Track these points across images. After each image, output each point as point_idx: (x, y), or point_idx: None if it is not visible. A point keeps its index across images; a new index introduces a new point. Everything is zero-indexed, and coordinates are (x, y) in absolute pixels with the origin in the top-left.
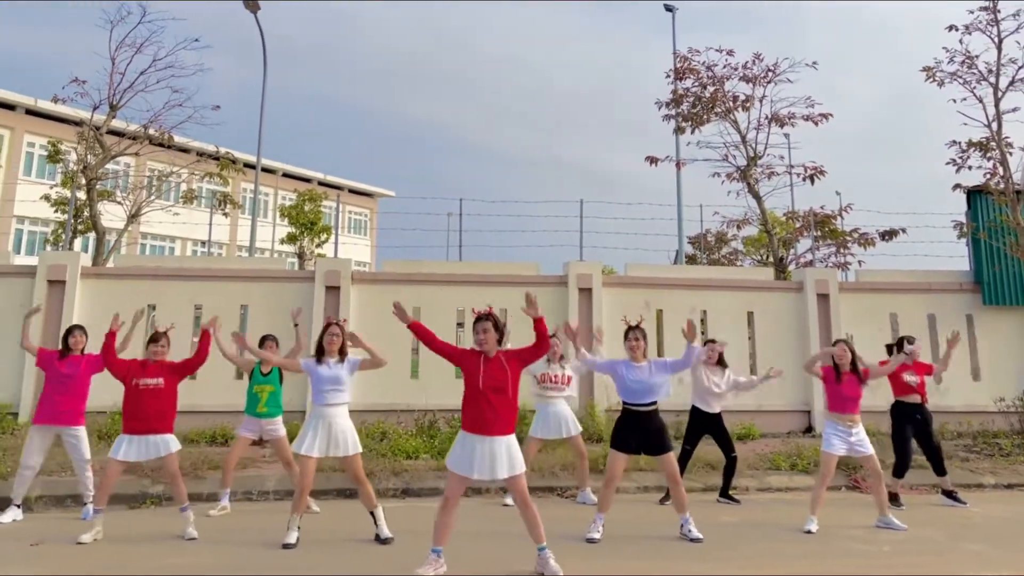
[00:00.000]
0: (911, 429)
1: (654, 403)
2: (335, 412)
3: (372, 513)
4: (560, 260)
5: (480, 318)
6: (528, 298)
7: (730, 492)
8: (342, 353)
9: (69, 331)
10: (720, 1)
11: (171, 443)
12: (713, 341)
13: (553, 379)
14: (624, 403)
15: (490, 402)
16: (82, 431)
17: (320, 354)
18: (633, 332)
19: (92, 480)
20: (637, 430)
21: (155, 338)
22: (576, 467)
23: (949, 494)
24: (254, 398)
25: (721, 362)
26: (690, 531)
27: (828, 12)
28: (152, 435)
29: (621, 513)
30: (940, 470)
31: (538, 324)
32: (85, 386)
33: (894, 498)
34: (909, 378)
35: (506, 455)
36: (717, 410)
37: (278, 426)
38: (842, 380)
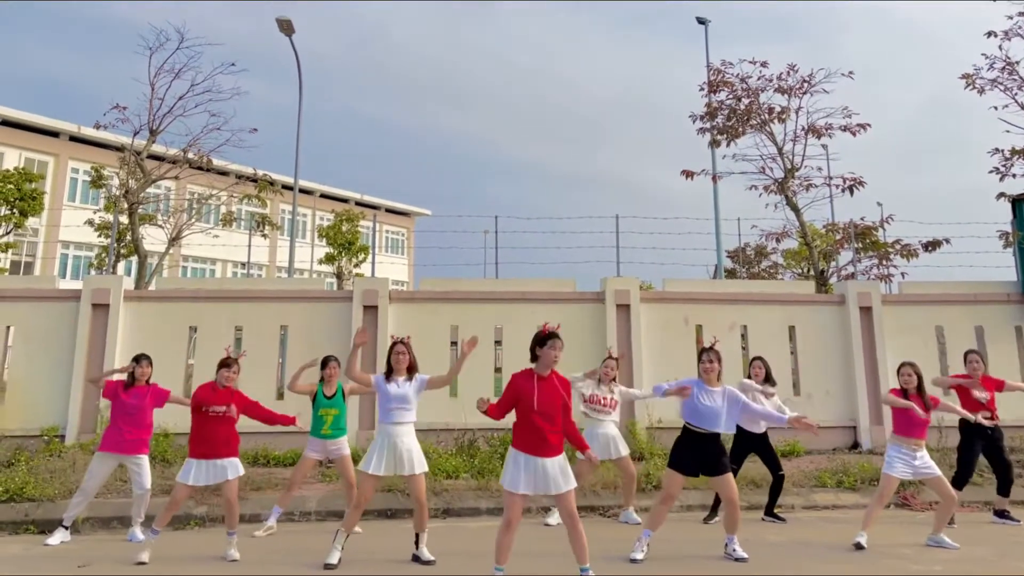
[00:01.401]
0: (980, 445)
1: (718, 432)
2: (402, 431)
3: (418, 534)
4: (596, 276)
5: (555, 335)
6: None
7: (775, 510)
8: (410, 371)
9: (136, 361)
10: (752, 9)
11: (237, 467)
12: (759, 359)
13: (602, 401)
14: (688, 424)
15: (542, 423)
16: (145, 459)
17: (389, 372)
18: (707, 354)
19: (147, 506)
20: (698, 452)
21: (228, 363)
22: (621, 486)
23: (1001, 513)
24: (319, 420)
25: (769, 379)
26: (735, 550)
27: (864, 20)
28: (219, 459)
29: (665, 532)
30: (1005, 490)
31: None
32: (150, 416)
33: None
34: (979, 394)
35: (560, 471)
36: (763, 429)
37: (342, 446)
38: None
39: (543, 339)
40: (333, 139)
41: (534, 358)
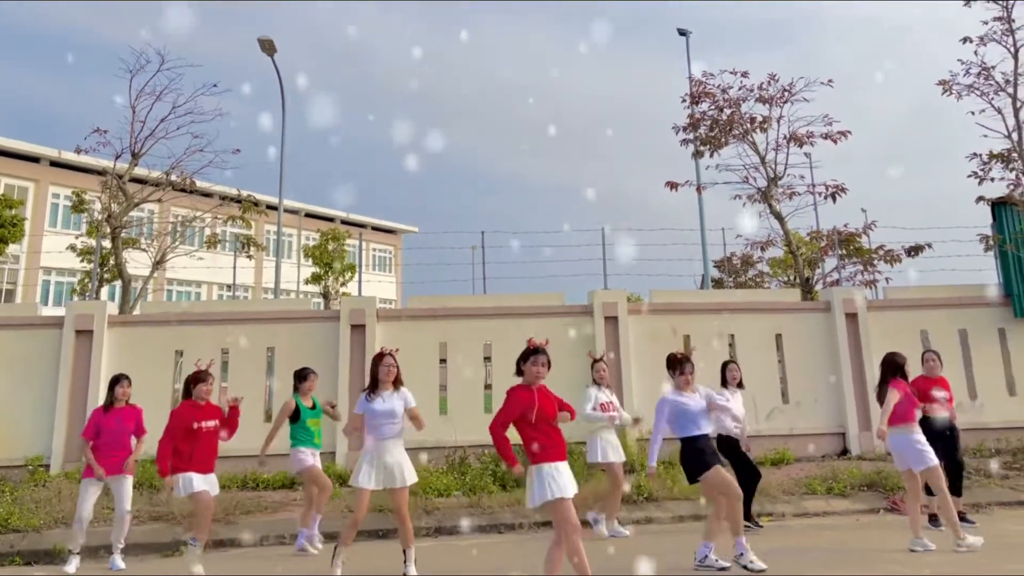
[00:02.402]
0: (939, 446)
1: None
2: (391, 444)
3: (405, 551)
4: (584, 289)
5: (539, 351)
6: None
7: (753, 516)
8: (396, 383)
9: (116, 380)
10: (735, 18)
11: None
12: (734, 362)
13: (605, 406)
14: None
15: (553, 431)
16: (129, 480)
17: (374, 386)
18: (688, 365)
19: (127, 530)
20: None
21: (202, 378)
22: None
23: (933, 518)
24: (309, 432)
25: (740, 384)
26: (716, 561)
27: (844, 28)
28: (212, 474)
29: (650, 545)
30: (957, 489)
31: None
32: (129, 437)
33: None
34: (937, 394)
35: (567, 475)
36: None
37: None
38: None
39: (527, 354)
40: (318, 158)
41: (519, 373)
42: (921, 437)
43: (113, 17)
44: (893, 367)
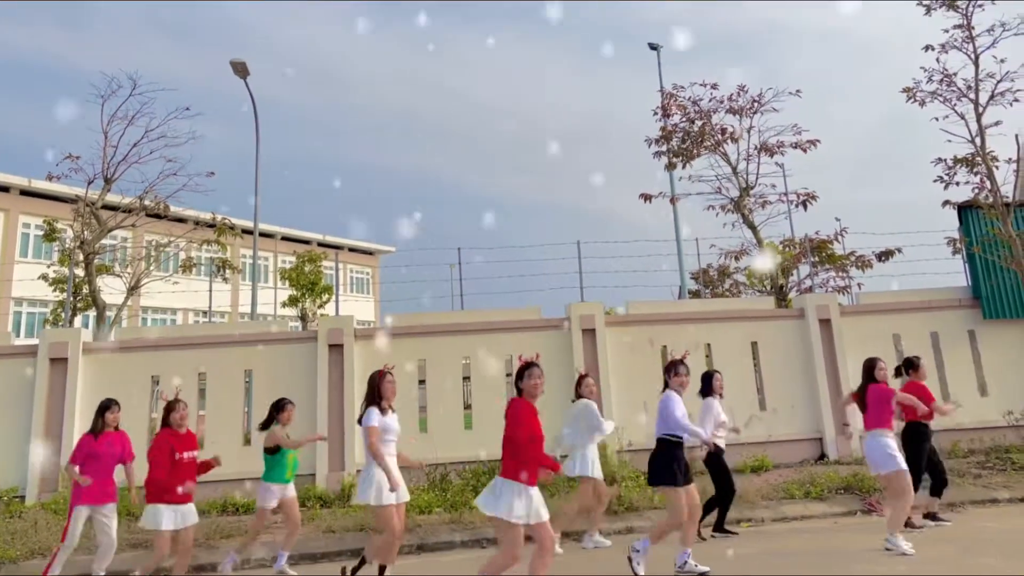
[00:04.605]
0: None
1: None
2: (396, 462)
3: (382, 567)
4: (562, 302)
5: (531, 364)
6: None
7: (726, 525)
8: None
9: (107, 406)
10: (708, 32)
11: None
12: (716, 372)
13: None
14: (669, 436)
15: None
16: (113, 508)
17: (379, 404)
18: (683, 366)
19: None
20: (683, 462)
21: (175, 407)
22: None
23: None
24: (284, 465)
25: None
26: (696, 566)
27: (814, 39)
28: (189, 504)
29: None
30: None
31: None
32: (113, 466)
33: (933, 516)
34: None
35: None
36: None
37: (292, 488)
38: None
39: (520, 372)
40: (293, 181)
41: (519, 392)
42: (893, 442)
43: (84, 44)
44: (871, 372)
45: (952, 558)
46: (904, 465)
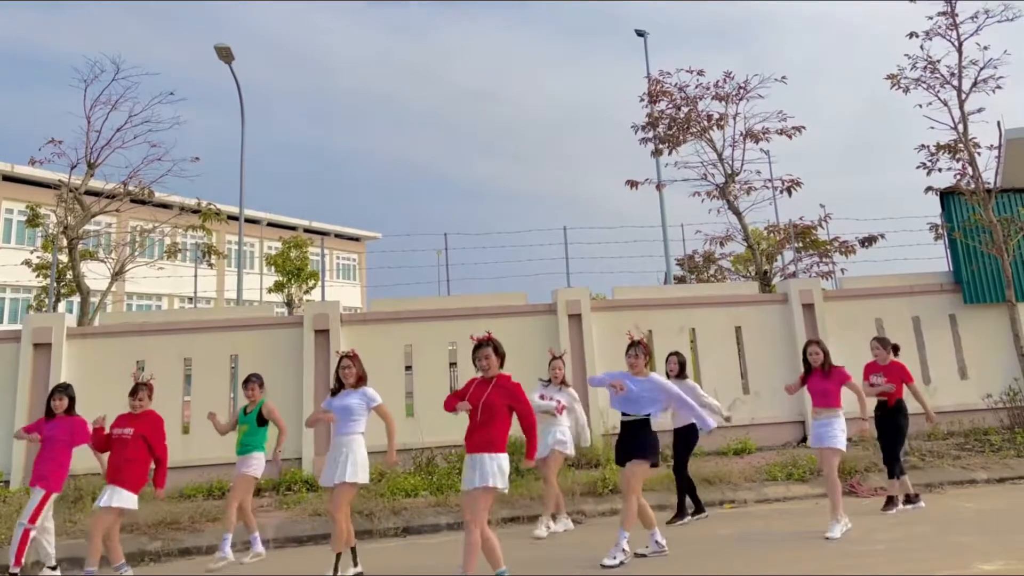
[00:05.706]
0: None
1: (645, 418)
2: (345, 441)
3: (338, 555)
4: (548, 288)
5: (480, 345)
6: None
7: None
8: (359, 383)
9: (52, 392)
10: (693, 18)
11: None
12: (675, 354)
13: (547, 399)
14: (622, 415)
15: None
16: (38, 494)
17: (338, 389)
18: (633, 349)
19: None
20: (627, 440)
21: (132, 391)
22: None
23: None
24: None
25: (682, 373)
26: (663, 544)
27: (801, 24)
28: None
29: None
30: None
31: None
32: (60, 449)
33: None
34: (875, 379)
35: (479, 469)
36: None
37: (246, 464)
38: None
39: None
40: (279, 166)
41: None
42: (841, 423)
43: (66, 28)
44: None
45: (930, 536)
46: (840, 445)
